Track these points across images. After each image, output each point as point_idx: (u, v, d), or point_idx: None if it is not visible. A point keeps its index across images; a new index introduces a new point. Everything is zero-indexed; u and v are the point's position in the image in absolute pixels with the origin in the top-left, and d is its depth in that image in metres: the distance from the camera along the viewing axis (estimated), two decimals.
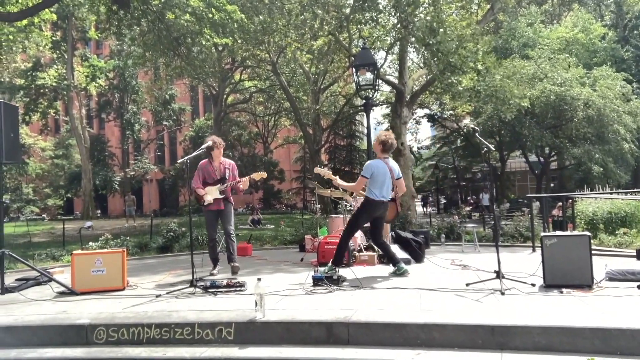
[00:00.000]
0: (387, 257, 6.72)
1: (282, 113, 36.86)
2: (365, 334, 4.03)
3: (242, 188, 7.04)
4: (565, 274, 5.06)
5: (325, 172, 6.91)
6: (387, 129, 37.97)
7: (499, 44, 25.13)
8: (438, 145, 45.26)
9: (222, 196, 6.98)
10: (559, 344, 3.67)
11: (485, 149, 5.64)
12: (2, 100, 6.18)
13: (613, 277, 5.36)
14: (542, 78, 22.47)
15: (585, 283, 4.99)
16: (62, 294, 5.97)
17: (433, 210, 36.77)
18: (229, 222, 7.08)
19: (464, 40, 13.74)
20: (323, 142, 31.17)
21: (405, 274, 6.24)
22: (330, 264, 6.37)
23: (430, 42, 13.28)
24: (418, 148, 47.25)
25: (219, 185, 6.95)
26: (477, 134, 5.88)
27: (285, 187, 46.05)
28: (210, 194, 6.92)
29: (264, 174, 7.19)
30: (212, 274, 6.89)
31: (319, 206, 10.24)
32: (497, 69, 15.04)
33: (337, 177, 7.04)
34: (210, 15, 13.69)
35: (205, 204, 6.93)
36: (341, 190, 8.08)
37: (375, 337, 4.01)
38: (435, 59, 13.75)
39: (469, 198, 41.71)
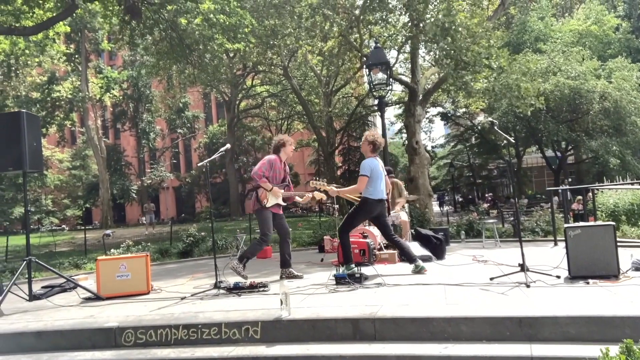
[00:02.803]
0: (403, 254, 6.68)
1: (294, 117, 36.93)
2: (392, 329, 4.03)
3: (300, 202, 6.72)
4: (591, 265, 5.01)
5: (320, 185, 6.61)
6: (400, 129, 37.69)
7: (511, 39, 24.99)
8: (452, 144, 45.04)
9: (284, 204, 6.55)
10: (588, 334, 3.63)
11: (504, 142, 5.60)
12: (24, 111, 6.30)
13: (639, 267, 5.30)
14: (555, 72, 22.29)
15: (611, 273, 4.93)
16: (88, 299, 6.05)
17: (450, 208, 36.55)
18: (285, 223, 6.67)
19: (476, 37, 13.68)
20: (337, 144, 31.16)
21: (422, 271, 6.18)
22: (343, 265, 6.32)
23: (443, 44, 13.24)
24: (432, 147, 47.11)
25: (283, 191, 6.47)
26: (495, 127, 5.85)
27: (300, 190, 46.10)
28: (276, 195, 6.38)
29: (324, 196, 6.80)
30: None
31: (336, 207, 10.27)
32: (511, 66, 14.89)
33: (332, 185, 6.82)
34: (222, 21, 13.78)
35: (268, 205, 6.35)
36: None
37: (401, 332, 4.00)
38: (449, 59, 13.69)
39: (486, 195, 41.40)
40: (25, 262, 6.26)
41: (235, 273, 6.27)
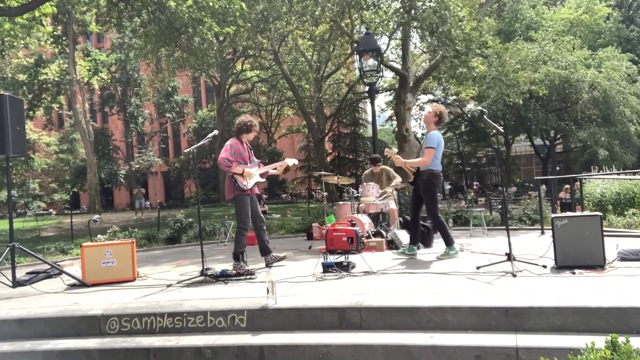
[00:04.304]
0: (443, 235, 6.41)
1: (285, 102, 36.75)
2: (378, 318, 4.02)
3: (276, 173, 6.79)
4: (577, 255, 5.02)
5: (391, 153, 6.64)
6: (390, 116, 37.54)
7: (502, 27, 24.93)
8: (442, 131, 45.09)
9: (263, 180, 6.48)
10: (574, 324, 3.64)
11: (494, 131, 5.58)
12: (7, 94, 6.16)
13: (625, 257, 5.32)
14: (545, 61, 22.29)
15: (597, 263, 4.94)
16: (73, 286, 5.99)
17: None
18: (259, 208, 6.59)
19: (471, 29, 13.63)
20: (327, 131, 31.06)
21: (455, 255, 6.22)
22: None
23: (439, 30, 13.12)
24: (422, 134, 47.10)
25: (256, 168, 6.43)
26: (484, 116, 5.81)
27: (290, 176, 46.00)
28: (251, 177, 6.30)
29: (296, 161, 6.97)
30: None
31: (325, 194, 10.21)
32: (506, 53, 14.87)
33: (399, 155, 6.68)
34: (211, 4, 13.58)
35: (249, 187, 6.27)
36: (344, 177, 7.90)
37: (388, 321, 3.99)
38: (444, 47, 13.57)
39: (474, 183, 41.63)
40: (8, 248, 6.17)
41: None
